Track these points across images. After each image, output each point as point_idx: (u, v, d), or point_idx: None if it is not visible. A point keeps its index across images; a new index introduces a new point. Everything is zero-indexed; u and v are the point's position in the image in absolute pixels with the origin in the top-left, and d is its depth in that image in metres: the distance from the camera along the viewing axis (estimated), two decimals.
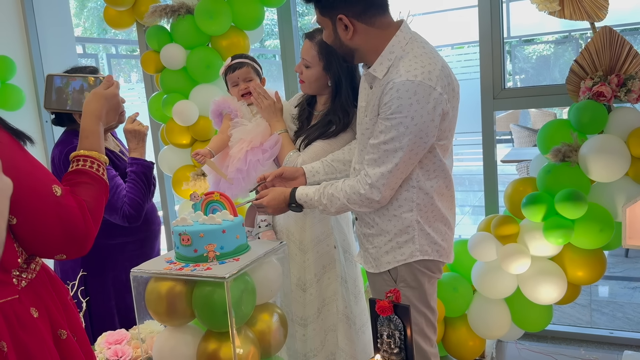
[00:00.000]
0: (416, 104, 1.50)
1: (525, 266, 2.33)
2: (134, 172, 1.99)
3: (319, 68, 1.94)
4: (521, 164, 5.09)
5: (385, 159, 1.57)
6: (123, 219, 1.93)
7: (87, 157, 1.22)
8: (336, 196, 1.68)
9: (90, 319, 1.97)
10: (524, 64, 11.25)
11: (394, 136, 1.54)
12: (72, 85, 1.40)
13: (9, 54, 3.71)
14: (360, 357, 2.05)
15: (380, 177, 1.59)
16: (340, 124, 1.94)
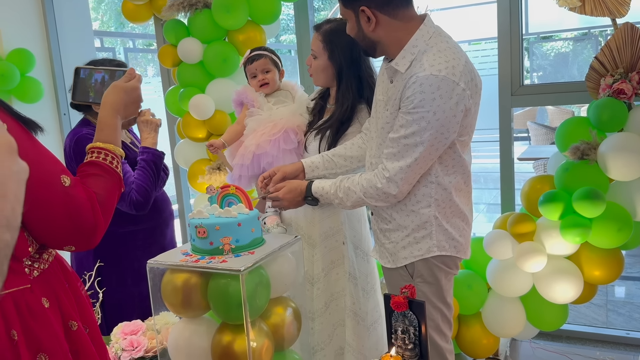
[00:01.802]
0: (439, 99, 1.49)
1: (541, 265, 2.31)
2: (144, 160, 2.01)
3: (324, 58, 1.95)
4: (538, 162, 5.04)
5: (404, 153, 1.56)
6: (130, 205, 1.94)
7: (101, 149, 1.21)
8: (352, 190, 1.67)
9: (104, 309, 1.99)
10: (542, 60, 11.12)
11: (414, 130, 1.52)
12: (95, 78, 1.39)
13: (29, 47, 3.76)
14: (369, 354, 2.04)
15: (398, 171, 1.58)
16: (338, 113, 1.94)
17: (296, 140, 2.06)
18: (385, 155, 1.61)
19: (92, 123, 2.02)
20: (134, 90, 1.31)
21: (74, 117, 3.94)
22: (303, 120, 2.10)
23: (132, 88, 1.30)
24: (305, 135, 2.08)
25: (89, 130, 1.98)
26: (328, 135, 1.97)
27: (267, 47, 2.19)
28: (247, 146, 2.06)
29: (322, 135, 1.99)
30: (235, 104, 2.23)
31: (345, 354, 2.07)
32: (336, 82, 1.98)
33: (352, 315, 2.06)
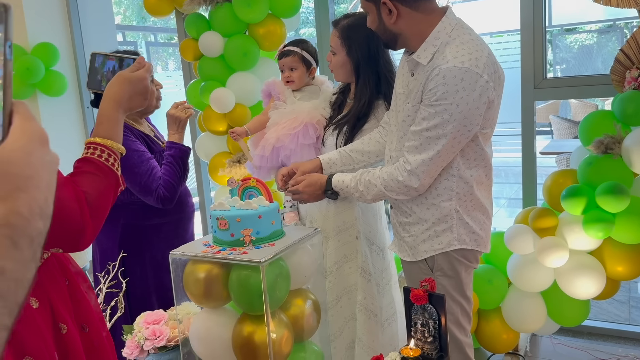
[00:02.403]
0: (462, 91, 1.48)
1: (563, 260, 2.29)
2: (172, 156, 2.03)
3: (343, 54, 1.96)
4: (561, 156, 4.97)
5: (426, 146, 1.55)
6: (157, 200, 1.96)
7: (98, 145, 1.12)
8: (373, 183, 1.66)
9: (128, 299, 2.03)
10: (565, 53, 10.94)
11: (437, 123, 1.51)
12: (107, 66, 1.31)
13: (53, 41, 3.82)
14: (380, 349, 2.04)
15: (420, 164, 1.57)
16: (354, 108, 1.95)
17: (315, 135, 2.07)
18: (406, 148, 1.60)
19: None
20: (140, 81, 1.19)
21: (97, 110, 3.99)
22: (324, 115, 2.10)
23: (139, 79, 1.19)
24: (325, 129, 2.08)
25: None
26: (345, 130, 1.98)
27: (303, 42, 2.18)
28: (268, 138, 2.09)
29: (339, 130, 2.00)
30: (264, 95, 2.26)
31: (355, 348, 2.08)
32: (354, 77, 1.98)
33: (364, 310, 2.06)
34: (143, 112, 2.12)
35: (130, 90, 1.18)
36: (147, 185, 1.94)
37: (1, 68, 0.50)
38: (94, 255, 2.16)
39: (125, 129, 1.99)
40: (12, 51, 0.51)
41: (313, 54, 2.17)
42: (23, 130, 0.51)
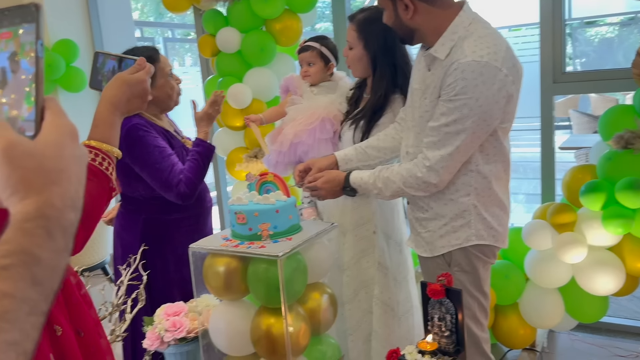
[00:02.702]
0: (482, 85, 1.47)
1: (582, 256, 2.27)
2: (198, 153, 2.04)
3: (360, 47, 1.95)
4: (580, 151, 4.91)
5: (445, 141, 1.54)
6: (177, 196, 1.98)
7: (93, 148, 1.08)
8: (392, 179, 1.66)
9: (150, 292, 2.06)
10: (585, 47, 10.77)
11: (457, 118, 1.50)
12: (108, 66, 1.28)
13: (73, 37, 3.87)
14: (397, 342, 2.05)
15: (439, 160, 1.56)
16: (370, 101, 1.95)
17: (332, 130, 2.08)
18: (425, 144, 1.59)
19: (140, 113, 2.06)
20: (139, 84, 1.16)
21: None
22: (341, 110, 2.11)
23: (137, 81, 1.16)
24: (341, 124, 2.09)
25: (139, 120, 2.01)
26: (362, 124, 1.98)
27: (323, 39, 2.20)
28: (286, 134, 2.10)
29: (356, 125, 2.00)
30: (282, 90, 2.29)
31: (372, 341, 2.09)
32: (371, 71, 1.98)
33: (381, 304, 2.07)
34: (164, 108, 2.14)
35: (128, 92, 1.14)
36: (168, 181, 1.96)
37: (33, 66, 0.52)
38: (115, 249, 2.19)
39: (147, 125, 2.01)
40: (43, 49, 0.53)
41: (332, 51, 2.18)
42: (55, 126, 0.53)
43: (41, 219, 0.48)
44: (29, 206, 0.49)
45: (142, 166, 1.97)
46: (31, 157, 0.50)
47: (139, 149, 1.96)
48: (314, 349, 1.43)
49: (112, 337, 1.39)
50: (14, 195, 0.49)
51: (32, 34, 0.52)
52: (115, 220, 2.19)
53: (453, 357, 1.30)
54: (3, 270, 0.45)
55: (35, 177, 0.49)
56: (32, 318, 0.45)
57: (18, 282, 0.45)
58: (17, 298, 0.44)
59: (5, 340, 0.42)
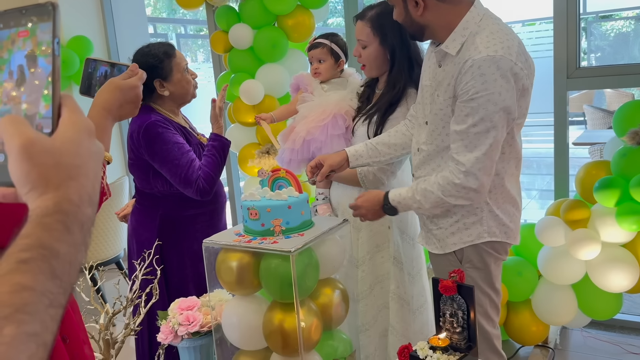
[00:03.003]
0: (500, 79, 1.45)
1: (595, 252, 2.26)
2: (215, 147, 2.05)
3: (375, 44, 1.94)
4: (594, 147, 4.87)
5: (476, 142, 1.50)
6: (196, 192, 1.99)
7: None
8: (429, 190, 1.61)
9: (166, 287, 2.08)
10: (600, 41, 10.64)
11: (483, 116, 1.47)
12: (100, 71, 1.29)
13: (87, 34, 3.91)
14: (413, 337, 2.05)
15: (475, 162, 1.51)
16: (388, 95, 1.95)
17: (344, 125, 2.08)
18: (454, 151, 1.55)
19: (157, 110, 2.08)
20: (131, 89, 1.16)
21: None
22: (352, 105, 2.11)
23: (130, 87, 1.16)
24: (353, 120, 2.09)
25: (157, 116, 2.02)
26: (375, 119, 1.98)
27: (333, 35, 2.19)
28: (298, 132, 2.10)
29: (369, 120, 2.00)
30: (292, 89, 2.28)
31: (389, 336, 2.10)
32: (389, 65, 1.97)
33: (397, 299, 2.07)
34: (181, 103, 2.16)
35: (121, 98, 1.15)
36: (188, 177, 1.97)
37: (50, 64, 0.53)
38: (130, 246, 2.21)
39: (165, 121, 2.02)
40: (59, 47, 0.54)
41: (343, 48, 2.18)
42: (72, 122, 0.54)
43: (59, 213, 0.50)
44: (47, 201, 0.50)
45: (162, 162, 1.98)
46: (49, 153, 0.51)
47: (158, 145, 1.97)
48: (326, 344, 1.44)
49: (126, 331, 1.41)
50: (33, 191, 0.50)
51: (49, 32, 0.53)
52: (131, 217, 2.21)
53: (464, 353, 1.30)
54: (23, 263, 0.46)
55: (54, 173, 0.51)
56: (51, 310, 0.46)
57: (38, 275, 0.46)
58: (37, 291, 0.45)
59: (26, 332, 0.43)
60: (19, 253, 0.46)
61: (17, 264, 0.46)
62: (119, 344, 1.40)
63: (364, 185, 2.02)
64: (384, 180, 2.02)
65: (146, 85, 2.02)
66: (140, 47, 2.12)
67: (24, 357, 0.42)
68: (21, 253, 0.46)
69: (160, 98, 2.08)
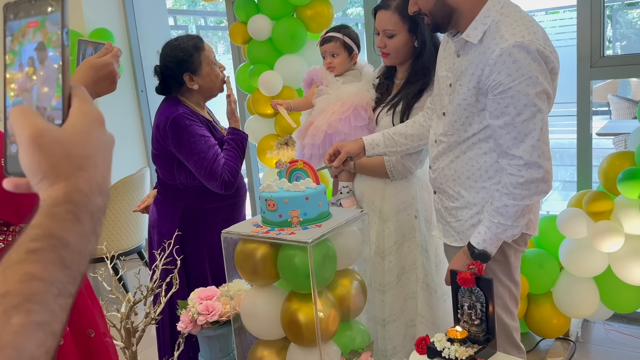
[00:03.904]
0: (533, 63, 1.43)
1: (618, 244, 2.22)
2: (234, 141, 2.07)
3: (404, 33, 1.92)
4: (618, 138, 4.77)
5: (525, 130, 1.47)
6: (221, 185, 2.00)
7: None
8: (502, 205, 1.53)
9: (187, 279, 2.10)
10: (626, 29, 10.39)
11: (526, 102, 1.45)
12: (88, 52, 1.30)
13: (108, 26, 3.94)
14: (440, 324, 2.05)
15: (532, 150, 1.47)
16: (419, 83, 1.93)
17: (366, 116, 2.07)
18: (506, 146, 1.50)
19: (184, 102, 2.10)
20: (104, 67, 1.19)
21: (151, 94, 4.11)
22: (371, 96, 2.10)
23: (103, 64, 1.19)
24: (374, 111, 2.08)
25: (184, 109, 2.04)
26: (400, 107, 1.97)
27: (344, 28, 2.17)
28: (318, 126, 2.08)
29: (393, 109, 1.99)
30: (305, 84, 2.27)
31: (417, 325, 2.10)
32: (412, 53, 1.95)
33: (425, 287, 2.07)
34: (208, 96, 2.17)
35: (94, 75, 1.18)
36: (213, 170, 1.98)
37: (60, 55, 0.54)
38: (150, 236, 2.23)
39: (192, 114, 2.04)
40: (69, 37, 0.54)
41: (355, 39, 2.16)
42: (82, 113, 0.54)
43: (69, 203, 0.50)
44: (57, 191, 0.51)
45: (188, 155, 1.99)
46: (59, 144, 0.51)
47: (185, 137, 1.98)
48: (343, 335, 1.45)
49: (147, 319, 1.43)
50: (44, 181, 0.51)
51: (58, 23, 0.53)
52: (153, 208, 2.23)
53: (483, 345, 1.30)
54: (32, 253, 0.46)
55: (64, 164, 0.51)
56: (60, 300, 0.46)
57: (47, 265, 0.46)
58: (46, 280, 0.46)
59: (35, 321, 0.44)
60: (28, 243, 0.47)
61: (26, 254, 0.46)
62: (140, 332, 1.42)
63: (392, 175, 2.01)
64: (412, 169, 2.02)
65: (175, 79, 2.06)
66: (169, 40, 2.13)
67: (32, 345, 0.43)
68: (31, 243, 0.47)
69: (188, 91, 2.10)
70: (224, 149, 2.06)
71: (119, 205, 3.45)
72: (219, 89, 2.15)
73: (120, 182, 3.46)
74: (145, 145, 4.27)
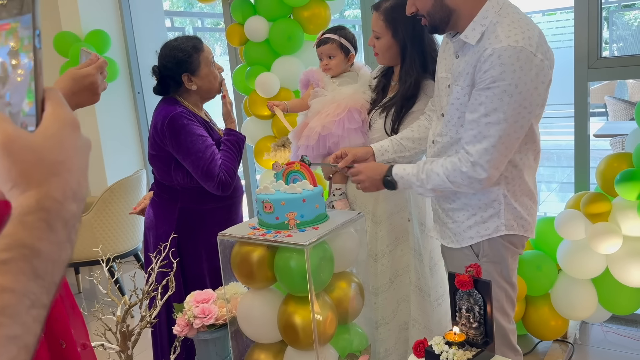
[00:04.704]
0: (519, 71, 1.43)
1: (616, 246, 2.22)
2: (230, 142, 2.06)
3: (388, 37, 1.94)
4: (616, 139, 4.78)
5: (486, 133, 1.48)
6: (218, 185, 1.99)
7: None
8: (435, 171, 1.60)
9: (184, 280, 2.09)
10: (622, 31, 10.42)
11: (496, 106, 1.45)
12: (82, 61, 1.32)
13: (105, 28, 3.93)
14: (434, 328, 2.05)
15: (483, 153, 1.49)
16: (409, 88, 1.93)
17: (360, 119, 2.07)
18: (465, 140, 1.54)
19: (181, 103, 2.09)
20: (84, 77, 1.20)
21: (148, 95, 4.10)
22: (366, 99, 2.10)
23: (83, 75, 1.20)
24: (369, 114, 2.08)
25: (182, 109, 2.04)
26: (392, 112, 1.97)
27: (341, 29, 2.17)
28: (312, 127, 2.08)
29: (386, 112, 1.99)
30: (302, 85, 2.26)
31: (410, 329, 2.09)
32: (400, 59, 1.96)
33: (418, 291, 2.07)
34: (206, 97, 2.16)
35: (74, 86, 1.18)
36: (210, 170, 1.97)
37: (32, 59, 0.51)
38: (146, 238, 2.22)
39: (190, 114, 2.04)
40: (40, 40, 0.52)
41: (351, 41, 2.15)
42: (55, 117, 0.52)
43: (41, 211, 0.48)
44: (29, 199, 0.48)
45: (185, 154, 1.99)
46: (30, 150, 0.49)
47: (183, 136, 1.98)
48: (341, 338, 1.44)
49: (142, 323, 1.42)
50: (15, 189, 0.49)
51: (30, 26, 0.51)
52: (149, 209, 2.22)
53: (481, 348, 1.29)
54: (3, 264, 0.44)
55: (35, 170, 0.49)
56: (33, 311, 0.45)
57: (18, 276, 0.44)
58: (17, 292, 0.44)
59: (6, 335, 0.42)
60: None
61: None
62: (136, 336, 1.41)
63: None
64: None
65: (173, 79, 2.05)
66: (168, 40, 2.13)
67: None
68: (1, 253, 0.45)
69: (186, 91, 2.10)
70: (221, 150, 2.05)
71: (115, 207, 3.43)
72: (217, 90, 2.15)
73: (116, 184, 3.44)
74: (141, 147, 4.25)
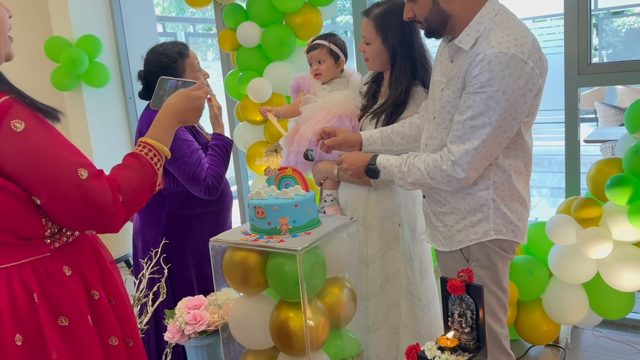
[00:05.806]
0: (508, 78, 1.44)
1: (607, 251, 2.23)
2: (217, 146, 2.06)
3: (378, 43, 1.95)
4: (606, 145, 4.81)
5: (470, 135, 1.51)
6: (205, 190, 1.99)
7: (147, 144, 1.27)
8: (417, 166, 1.62)
9: (171, 286, 2.07)
10: (612, 37, 10.53)
11: (482, 111, 1.47)
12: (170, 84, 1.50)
13: (96, 33, 3.92)
14: (424, 333, 2.05)
15: (464, 154, 1.52)
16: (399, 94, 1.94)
17: (351, 125, 2.07)
18: (450, 139, 1.56)
19: None
20: (196, 99, 1.37)
21: (139, 100, 4.09)
22: (356, 105, 2.10)
23: (195, 97, 1.37)
24: (359, 120, 2.08)
25: None
26: (383, 119, 1.97)
27: (331, 36, 2.18)
28: (303, 134, 2.09)
29: (377, 119, 1.99)
30: (292, 90, 2.26)
31: (400, 333, 2.09)
32: (390, 65, 1.97)
33: (408, 296, 2.07)
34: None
35: (187, 104, 1.35)
36: (197, 175, 1.97)
37: None
38: (135, 244, 2.21)
39: None
40: None
41: (342, 47, 2.16)
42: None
43: None
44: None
45: (171, 160, 1.99)
46: None
47: None
48: (333, 344, 1.43)
49: None
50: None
51: None
52: (136, 215, 2.21)
53: (473, 353, 1.29)
54: None
55: None
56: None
57: None
58: None
59: None
60: None
61: None
62: None
63: (375, 184, 2.01)
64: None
65: None
66: (154, 45, 2.12)
67: None
68: None
69: None
70: (208, 154, 2.05)
71: None
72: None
73: None
74: None
